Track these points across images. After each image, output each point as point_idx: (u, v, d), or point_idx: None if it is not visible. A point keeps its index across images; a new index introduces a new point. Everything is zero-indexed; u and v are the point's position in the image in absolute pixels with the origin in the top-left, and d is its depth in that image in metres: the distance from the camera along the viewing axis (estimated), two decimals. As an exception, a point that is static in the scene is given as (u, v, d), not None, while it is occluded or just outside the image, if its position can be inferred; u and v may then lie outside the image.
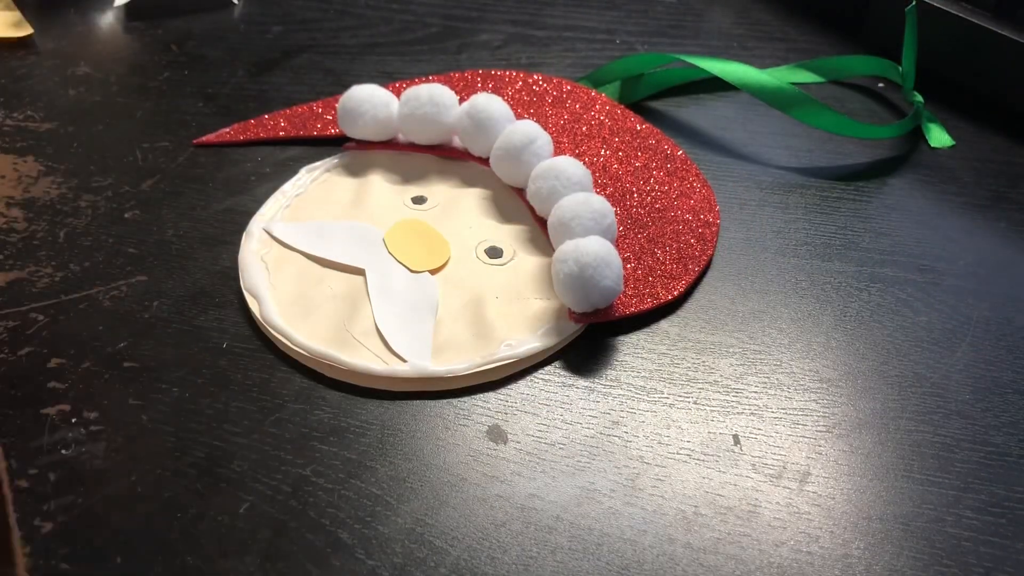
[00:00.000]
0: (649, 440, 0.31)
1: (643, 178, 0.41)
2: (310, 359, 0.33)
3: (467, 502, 0.29)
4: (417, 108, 0.40)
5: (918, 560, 0.28)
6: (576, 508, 0.29)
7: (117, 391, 0.32)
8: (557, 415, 0.32)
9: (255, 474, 0.30)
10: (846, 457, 0.31)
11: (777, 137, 0.45)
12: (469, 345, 0.33)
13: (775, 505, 0.30)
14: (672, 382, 0.33)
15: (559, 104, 0.44)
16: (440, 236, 0.38)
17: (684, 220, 0.39)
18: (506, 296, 0.35)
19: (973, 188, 0.43)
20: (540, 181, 0.37)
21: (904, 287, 0.37)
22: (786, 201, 0.41)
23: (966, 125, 0.46)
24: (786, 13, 0.55)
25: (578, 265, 0.33)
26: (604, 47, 0.52)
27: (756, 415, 0.32)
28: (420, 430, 0.31)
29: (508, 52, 0.51)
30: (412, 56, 0.50)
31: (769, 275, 0.38)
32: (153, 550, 0.28)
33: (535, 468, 0.30)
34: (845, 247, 0.39)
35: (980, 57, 0.47)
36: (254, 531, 0.28)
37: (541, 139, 0.38)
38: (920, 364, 0.34)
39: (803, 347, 0.35)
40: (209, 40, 0.51)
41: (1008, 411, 0.33)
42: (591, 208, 0.35)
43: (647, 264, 0.37)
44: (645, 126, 0.44)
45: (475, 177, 0.41)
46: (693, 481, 0.30)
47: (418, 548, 0.28)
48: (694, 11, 0.55)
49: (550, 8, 0.55)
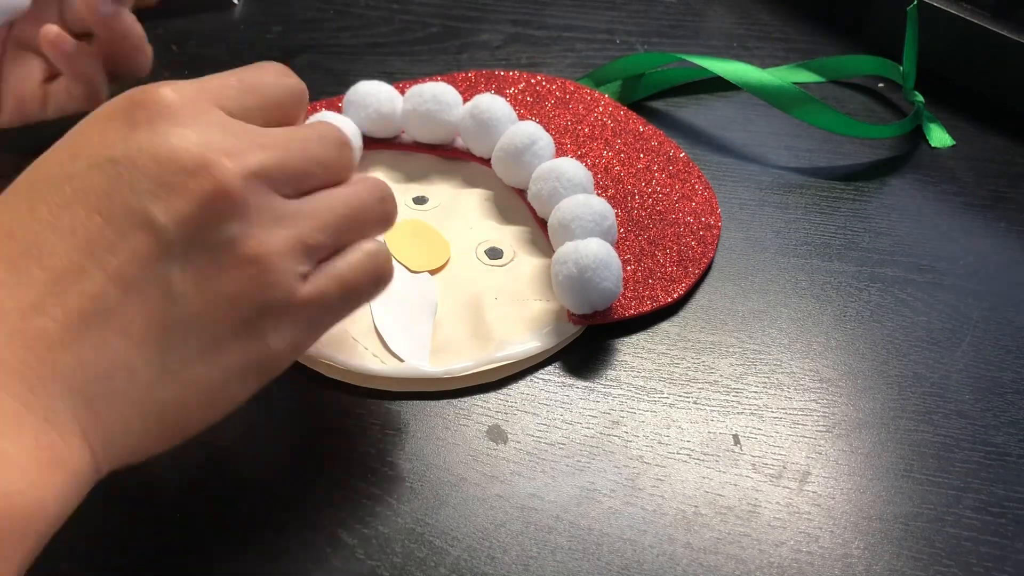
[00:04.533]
0: (649, 440, 0.31)
1: (645, 180, 0.41)
2: (308, 358, 0.33)
3: (467, 502, 0.29)
4: (420, 104, 0.40)
5: (918, 560, 0.28)
6: (576, 508, 0.29)
7: (117, 391, 0.32)
8: (557, 415, 0.32)
9: (255, 474, 0.30)
10: (846, 457, 0.31)
11: (777, 137, 0.45)
12: (467, 346, 0.33)
13: (775, 505, 0.30)
14: (672, 382, 0.33)
15: (562, 105, 0.44)
16: (440, 236, 0.38)
17: (685, 223, 0.39)
18: (505, 297, 0.35)
19: (973, 188, 0.43)
20: (541, 182, 0.37)
21: (904, 287, 0.37)
22: (786, 201, 0.41)
23: (966, 125, 0.46)
24: (786, 13, 0.55)
25: (577, 267, 0.33)
26: (604, 47, 0.52)
27: (756, 415, 0.32)
28: (420, 430, 0.31)
29: (508, 52, 0.51)
30: (412, 56, 0.50)
31: (769, 275, 0.38)
32: (153, 550, 0.28)
33: (535, 468, 0.30)
34: (845, 247, 0.39)
35: (980, 57, 0.47)
36: (254, 531, 0.28)
37: (543, 140, 0.38)
38: (920, 364, 0.34)
39: (803, 347, 0.35)
40: (209, 40, 0.51)
41: (1008, 411, 0.33)
42: (591, 210, 0.35)
43: (647, 266, 0.37)
44: (648, 128, 0.44)
45: (477, 178, 0.41)
46: (693, 481, 0.30)
47: (418, 548, 0.28)
48: (694, 11, 0.55)
49: (550, 8, 0.55)
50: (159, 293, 0.23)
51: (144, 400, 0.23)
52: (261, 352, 0.25)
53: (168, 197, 0.23)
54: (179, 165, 0.23)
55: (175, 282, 0.23)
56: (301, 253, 0.25)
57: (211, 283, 0.24)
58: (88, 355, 0.22)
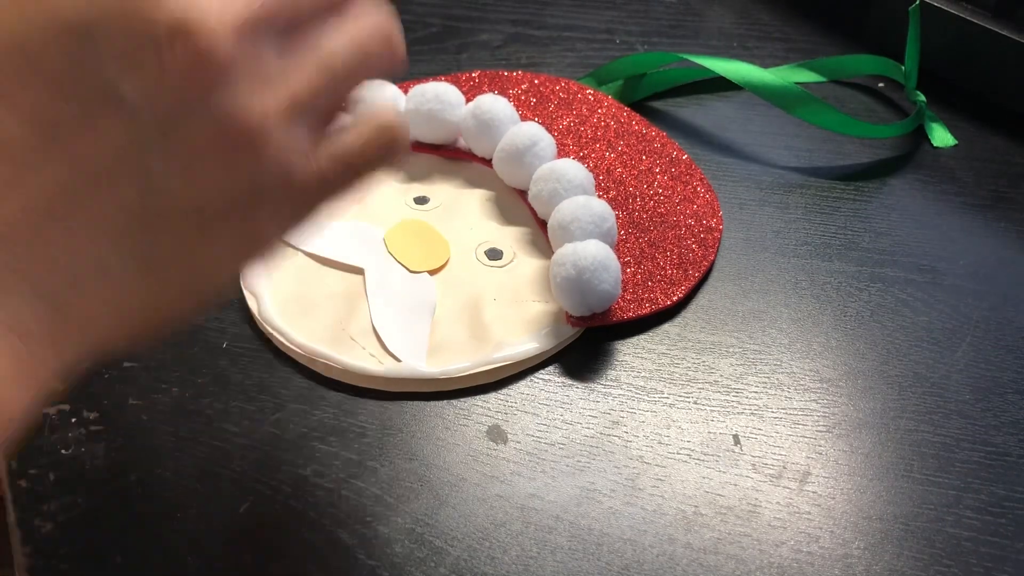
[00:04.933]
0: (649, 440, 0.31)
1: (646, 182, 0.40)
2: (307, 358, 0.33)
3: (467, 502, 0.29)
4: (423, 104, 0.40)
5: (918, 560, 0.28)
6: (576, 508, 0.29)
7: (117, 391, 0.32)
8: (557, 415, 0.32)
9: (255, 474, 0.30)
10: (846, 457, 0.31)
11: (777, 137, 0.45)
12: (465, 346, 0.33)
13: (775, 505, 0.30)
14: (672, 382, 0.33)
15: (565, 106, 0.44)
16: (440, 237, 0.38)
17: (686, 225, 0.39)
18: (504, 298, 0.35)
19: (973, 188, 0.43)
20: (541, 183, 0.37)
21: (904, 287, 0.37)
22: (786, 201, 0.41)
23: (966, 125, 0.46)
24: (786, 13, 0.55)
25: (575, 268, 0.33)
26: (604, 47, 0.52)
27: (756, 415, 0.32)
28: (420, 430, 0.31)
29: (508, 52, 0.51)
30: (412, 56, 0.50)
31: (769, 275, 0.38)
32: (153, 550, 0.28)
33: (535, 468, 0.30)
34: (845, 247, 0.39)
35: (980, 57, 0.47)
36: (254, 531, 0.28)
37: (544, 141, 0.38)
38: (920, 364, 0.34)
39: (803, 347, 0.35)
40: (209, 40, 0.51)
41: (1008, 411, 0.33)
42: (591, 211, 0.35)
43: (647, 269, 0.37)
44: (651, 129, 0.43)
45: (478, 178, 0.41)
46: (693, 481, 0.30)
47: (418, 548, 0.28)
48: (694, 11, 0.55)
49: (550, 8, 0.55)
50: (135, 181, 0.20)
51: (119, 299, 0.21)
52: (252, 235, 0.23)
53: (141, 73, 0.20)
54: (152, 33, 0.19)
55: (154, 168, 0.20)
56: (298, 116, 0.22)
57: (195, 166, 0.21)
58: (54, 252, 0.20)
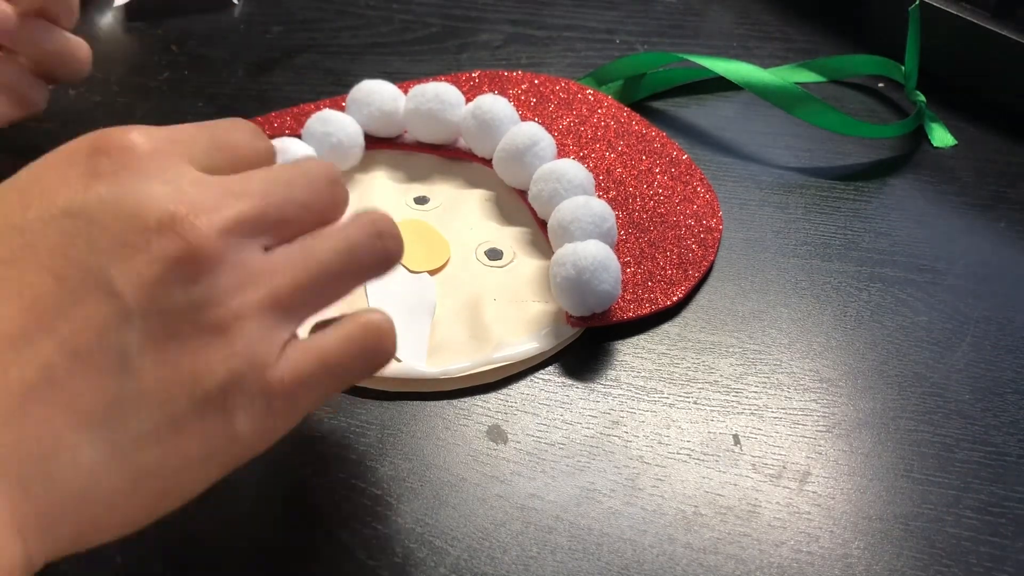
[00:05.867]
0: (649, 440, 0.31)
1: (647, 182, 0.41)
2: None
3: (467, 502, 0.29)
4: (423, 104, 0.40)
5: (918, 560, 0.28)
6: (576, 508, 0.29)
7: (118, 391, 0.32)
8: (557, 415, 0.32)
9: (255, 474, 0.30)
10: (846, 457, 0.31)
11: (777, 137, 0.45)
12: (464, 347, 0.33)
13: (775, 505, 0.30)
14: (672, 382, 0.33)
15: (565, 106, 0.44)
16: (440, 237, 0.38)
17: (686, 225, 0.39)
18: (504, 298, 0.35)
19: (973, 188, 0.43)
20: (541, 184, 0.37)
21: (904, 287, 0.37)
22: (786, 201, 0.41)
23: (966, 125, 0.46)
24: (786, 13, 0.55)
25: (575, 269, 0.33)
26: (604, 47, 0.52)
27: (756, 415, 0.32)
28: (420, 430, 0.32)
29: (508, 52, 0.51)
30: (412, 56, 0.50)
31: (769, 275, 0.38)
32: (153, 550, 0.28)
33: (535, 468, 0.30)
34: (845, 247, 0.39)
35: (980, 57, 0.47)
36: (254, 531, 0.29)
37: (544, 141, 0.38)
38: (920, 364, 0.34)
39: (803, 347, 0.35)
40: (209, 40, 0.51)
41: (1008, 411, 0.33)
42: (591, 211, 0.35)
43: (647, 269, 0.37)
44: (651, 130, 0.43)
45: (478, 178, 0.41)
46: (693, 481, 0.30)
47: (418, 548, 0.28)
48: (694, 11, 0.55)
49: (550, 8, 0.55)
50: (112, 365, 0.21)
51: (88, 486, 0.20)
52: (226, 436, 0.22)
53: (129, 259, 0.21)
54: (143, 223, 0.21)
55: (131, 353, 0.21)
56: (277, 316, 0.22)
57: (170, 355, 0.21)
58: (28, 433, 0.20)
